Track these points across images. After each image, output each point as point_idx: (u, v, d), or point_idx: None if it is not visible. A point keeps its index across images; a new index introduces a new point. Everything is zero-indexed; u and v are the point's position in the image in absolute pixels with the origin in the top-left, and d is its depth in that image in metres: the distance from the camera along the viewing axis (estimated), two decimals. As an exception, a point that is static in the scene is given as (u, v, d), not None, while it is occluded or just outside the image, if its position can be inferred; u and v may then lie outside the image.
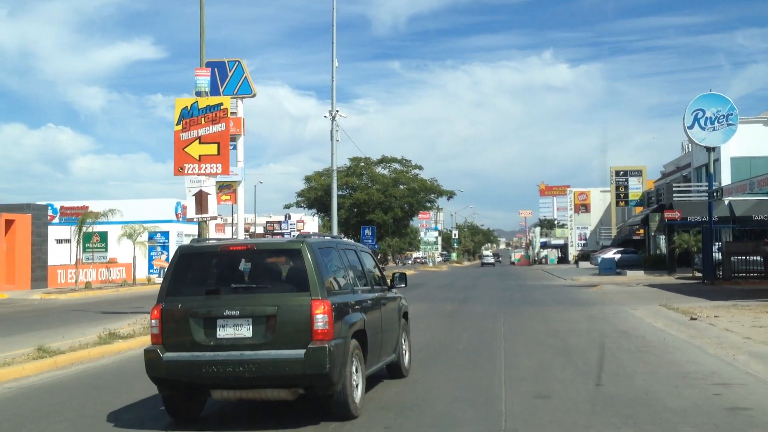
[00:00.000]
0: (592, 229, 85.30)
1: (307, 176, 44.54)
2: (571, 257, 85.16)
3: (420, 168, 44.56)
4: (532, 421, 7.08)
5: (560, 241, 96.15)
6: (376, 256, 57.54)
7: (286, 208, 45.16)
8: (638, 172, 66.21)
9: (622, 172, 66.31)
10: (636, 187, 65.24)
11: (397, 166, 44.40)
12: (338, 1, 28.59)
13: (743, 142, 36.17)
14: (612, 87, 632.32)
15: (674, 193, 40.14)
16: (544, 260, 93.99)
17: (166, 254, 54.23)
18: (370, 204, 41.66)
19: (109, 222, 46.36)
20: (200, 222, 20.17)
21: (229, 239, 14.14)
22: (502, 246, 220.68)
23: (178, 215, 55.33)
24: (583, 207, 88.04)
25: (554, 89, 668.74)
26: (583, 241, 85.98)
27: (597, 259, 54.46)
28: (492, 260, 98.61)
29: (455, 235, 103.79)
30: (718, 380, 8.89)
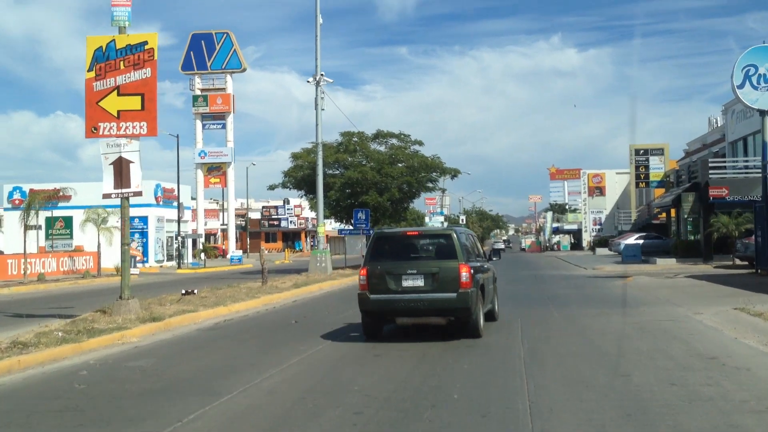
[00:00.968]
0: (608, 213, 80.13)
1: (294, 153, 39.45)
2: (585, 243, 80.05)
3: (420, 144, 39.44)
4: None
5: (573, 227, 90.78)
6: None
7: (271, 189, 40.32)
8: (660, 151, 60.79)
9: (642, 151, 60.92)
10: (657, 167, 59.89)
11: (394, 141, 39.33)
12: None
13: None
14: (621, 71, 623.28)
15: (710, 170, 35.10)
16: (556, 246, 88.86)
17: (142, 241, 49.75)
18: (363, 184, 36.75)
19: (76, 206, 41.87)
20: (122, 199, 15.35)
21: (405, 227, 20.24)
22: (511, 232, 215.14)
23: (158, 198, 50.54)
24: (597, 190, 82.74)
25: (563, 74, 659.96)
26: (598, 226, 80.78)
27: (618, 246, 49.51)
28: (502, 246, 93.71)
29: (463, 220, 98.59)
30: None
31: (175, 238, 48.58)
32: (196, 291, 19.18)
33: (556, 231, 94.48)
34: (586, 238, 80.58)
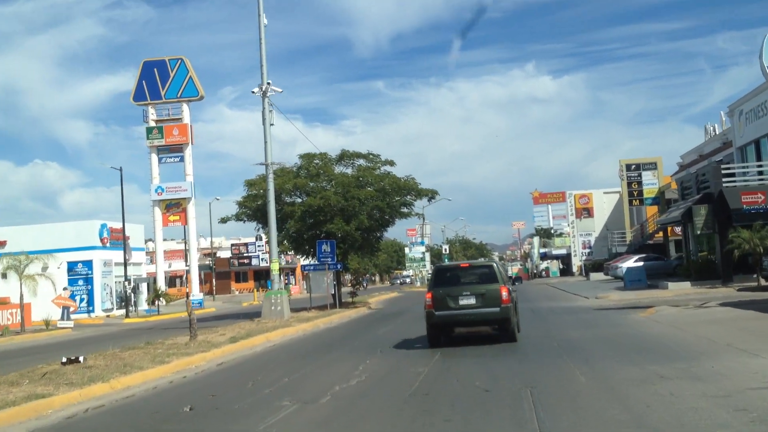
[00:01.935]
0: (597, 235, 75.65)
1: (248, 180, 34.51)
2: (575, 268, 75.48)
3: (392, 164, 34.70)
4: None
5: (562, 251, 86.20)
6: (343, 276, 47.64)
7: (222, 222, 35.33)
8: (652, 165, 56.54)
9: (633, 166, 56.73)
10: (651, 183, 55.69)
11: (362, 162, 34.55)
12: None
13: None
14: (596, 96, 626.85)
15: (723, 177, 30.64)
16: (545, 273, 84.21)
17: (86, 288, 44.33)
18: (327, 211, 31.87)
19: (5, 253, 36.57)
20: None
21: (458, 261, 26.25)
22: (496, 259, 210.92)
23: (103, 240, 45.24)
24: (585, 211, 78.24)
25: (539, 100, 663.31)
26: (588, 249, 76.21)
27: (617, 270, 44.93)
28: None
29: (446, 250, 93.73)
30: None
31: (123, 284, 43.18)
32: (81, 359, 14.12)
33: (544, 256, 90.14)
34: (577, 263, 76.09)
